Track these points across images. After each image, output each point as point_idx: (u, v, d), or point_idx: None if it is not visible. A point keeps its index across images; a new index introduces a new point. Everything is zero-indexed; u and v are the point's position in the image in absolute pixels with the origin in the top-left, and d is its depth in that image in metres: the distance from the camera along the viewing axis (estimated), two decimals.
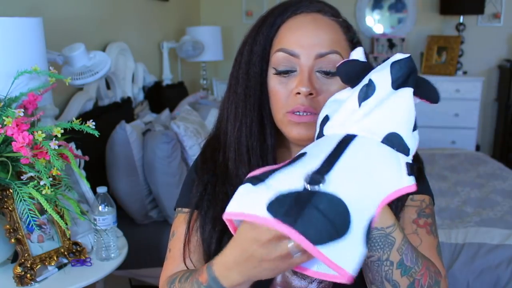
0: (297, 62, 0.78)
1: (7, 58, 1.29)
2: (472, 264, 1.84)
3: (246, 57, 0.83)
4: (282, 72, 0.79)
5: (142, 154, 1.96)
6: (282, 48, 0.79)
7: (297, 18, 0.80)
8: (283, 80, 0.79)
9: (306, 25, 0.79)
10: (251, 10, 4.29)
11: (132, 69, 2.63)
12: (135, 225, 2.06)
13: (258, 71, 0.81)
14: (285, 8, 0.82)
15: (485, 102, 4.17)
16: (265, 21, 0.82)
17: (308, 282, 0.81)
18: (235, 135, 0.82)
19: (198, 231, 0.83)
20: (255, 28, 0.84)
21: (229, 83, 0.86)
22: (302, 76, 0.77)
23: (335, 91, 0.78)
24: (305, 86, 0.76)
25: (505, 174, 2.69)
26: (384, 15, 4.25)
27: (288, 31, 0.79)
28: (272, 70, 0.80)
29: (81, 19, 2.21)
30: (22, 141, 1.12)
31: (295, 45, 0.78)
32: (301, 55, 0.77)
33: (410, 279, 0.69)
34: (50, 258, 1.34)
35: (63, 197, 1.32)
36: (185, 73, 3.74)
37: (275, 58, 0.80)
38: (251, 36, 0.84)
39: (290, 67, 0.78)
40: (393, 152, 0.60)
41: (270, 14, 0.83)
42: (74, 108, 1.98)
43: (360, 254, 0.53)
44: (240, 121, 0.82)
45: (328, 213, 0.52)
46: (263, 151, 0.82)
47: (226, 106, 0.86)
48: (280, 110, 0.80)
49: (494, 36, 4.05)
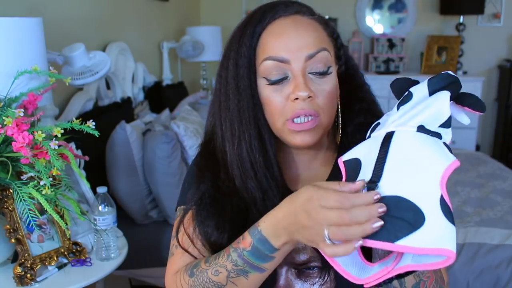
0: (288, 67, 0.76)
1: (7, 58, 1.29)
2: (472, 264, 1.84)
3: (232, 72, 0.79)
4: (275, 82, 0.77)
5: (142, 154, 1.96)
6: (269, 56, 0.76)
7: (277, 23, 0.78)
8: (277, 88, 0.77)
9: (288, 29, 0.77)
10: (251, 10, 4.28)
11: (132, 69, 2.63)
12: (135, 225, 2.06)
13: (247, 84, 0.78)
14: (262, 14, 0.79)
15: (485, 102, 4.12)
16: (245, 32, 0.79)
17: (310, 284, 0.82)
18: (236, 153, 0.80)
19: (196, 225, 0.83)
20: (235, 40, 0.81)
21: (217, 100, 0.82)
22: (297, 80, 0.75)
23: (330, 89, 0.78)
24: (303, 90, 0.75)
25: (505, 174, 2.69)
26: (384, 15, 4.25)
27: (271, 38, 0.77)
28: (263, 80, 0.78)
29: (81, 19, 2.21)
30: (22, 141, 1.12)
31: (282, 51, 0.76)
32: (291, 59, 0.75)
33: (417, 278, 0.71)
34: (50, 258, 1.34)
35: (63, 197, 1.32)
36: (185, 73, 3.74)
37: (264, 67, 0.77)
38: (233, 49, 0.80)
39: (283, 74, 0.76)
40: (430, 137, 0.64)
41: (248, 23, 0.80)
42: (74, 108, 1.98)
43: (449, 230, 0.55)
44: (238, 138, 0.79)
45: (394, 214, 0.55)
46: (267, 162, 0.80)
47: (219, 124, 0.82)
48: (278, 119, 0.78)
49: (494, 36, 4.05)
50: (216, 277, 0.74)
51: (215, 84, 0.84)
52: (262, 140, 0.80)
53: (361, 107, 0.86)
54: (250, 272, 0.71)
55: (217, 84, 0.83)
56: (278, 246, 0.69)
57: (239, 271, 0.72)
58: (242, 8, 4.30)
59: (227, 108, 0.80)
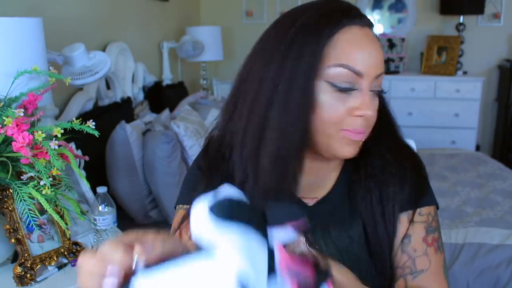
0: (358, 81, 0.73)
1: (7, 58, 1.29)
2: (472, 264, 1.84)
3: (289, 69, 0.72)
4: (344, 89, 0.73)
5: (142, 154, 1.96)
6: (345, 64, 0.72)
7: (353, 31, 0.73)
8: (342, 97, 0.73)
9: (366, 42, 0.74)
10: (251, 10, 4.29)
11: (132, 69, 2.63)
12: (135, 225, 2.06)
13: (302, 84, 0.72)
14: (338, 15, 0.73)
15: (485, 102, 4.17)
16: (308, 29, 0.72)
17: None
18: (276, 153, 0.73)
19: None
20: (293, 36, 0.73)
21: (267, 93, 0.73)
22: (366, 98, 0.73)
23: (377, 110, 0.77)
24: (372, 110, 0.74)
25: (505, 174, 2.69)
26: (384, 15, 4.25)
27: (349, 45, 0.72)
28: (326, 84, 0.72)
29: (81, 19, 2.20)
30: (22, 141, 1.12)
31: (359, 64, 0.72)
32: (365, 74, 0.73)
33: None
34: (50, 258, 1.34)
35: (63, 197, 1.32)
36: (185, 73, 3.74)
37: (335, 72, 0.72)
38: (297, 42, 0.72)
39: (352, 85, 0.73)
40: None
41: (315, 22, 0.73)
42: (74, 108, 1.98)
43: None
44: (281, 133, 0.72)
45: None
46: (291, 167, 0.75)
47: (257, 118, 0.74)
48: (333, 126, 0.74)
49: (494, 36, 4.05)
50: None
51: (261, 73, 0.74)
52: (299, 144, 0.74)
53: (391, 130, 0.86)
54: None
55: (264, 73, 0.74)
56: None
57: None
58: (242, 8, 4.30)
59: (284, 105, 0.72)
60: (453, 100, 3.87)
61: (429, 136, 3.87)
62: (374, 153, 0.84)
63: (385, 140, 0.85)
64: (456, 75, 3.92)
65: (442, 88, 3.87)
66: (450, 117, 3.89)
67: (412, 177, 0.83)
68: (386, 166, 0.83)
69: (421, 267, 0.82)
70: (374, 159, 0.84)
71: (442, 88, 3.87)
